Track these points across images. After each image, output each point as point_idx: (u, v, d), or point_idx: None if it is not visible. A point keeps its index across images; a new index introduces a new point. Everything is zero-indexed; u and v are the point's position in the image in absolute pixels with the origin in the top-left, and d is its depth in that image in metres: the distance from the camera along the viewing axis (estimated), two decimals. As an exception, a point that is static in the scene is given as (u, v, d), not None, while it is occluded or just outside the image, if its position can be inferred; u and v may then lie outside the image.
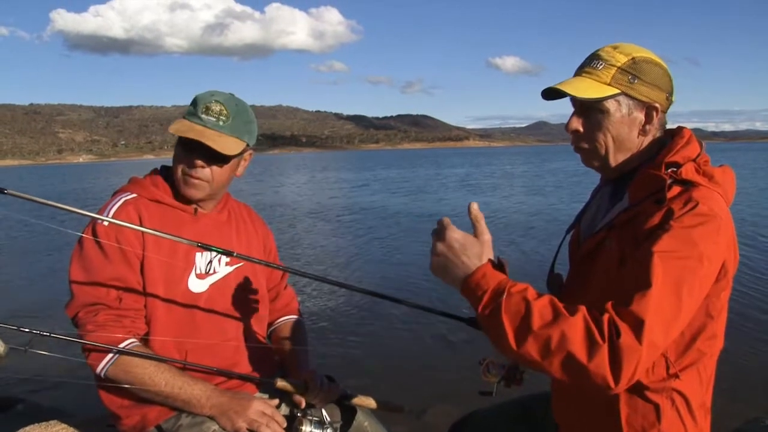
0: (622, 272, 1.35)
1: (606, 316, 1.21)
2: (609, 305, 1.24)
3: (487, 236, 1.32)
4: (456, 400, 4.47)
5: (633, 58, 1.46)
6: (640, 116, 1.48)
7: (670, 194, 1.36)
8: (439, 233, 1.33)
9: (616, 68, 1.45)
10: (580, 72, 1.51)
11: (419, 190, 28.55)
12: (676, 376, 1.41)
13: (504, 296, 1.24)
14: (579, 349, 1.18)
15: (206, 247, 1.71)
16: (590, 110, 1.49)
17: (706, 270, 1.29)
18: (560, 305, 1.23)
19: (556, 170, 43.30)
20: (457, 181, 35.19)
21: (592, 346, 1.18)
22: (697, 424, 1.46)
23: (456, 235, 1.30)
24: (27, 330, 1.58)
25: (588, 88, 1.46)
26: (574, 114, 1.52)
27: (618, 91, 1.45)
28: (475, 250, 1.30)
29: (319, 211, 19.68)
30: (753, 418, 3.09)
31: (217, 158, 1.83)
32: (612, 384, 1.18)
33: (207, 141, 1.78)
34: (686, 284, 1.26)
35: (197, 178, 1.85)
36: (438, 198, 23.69)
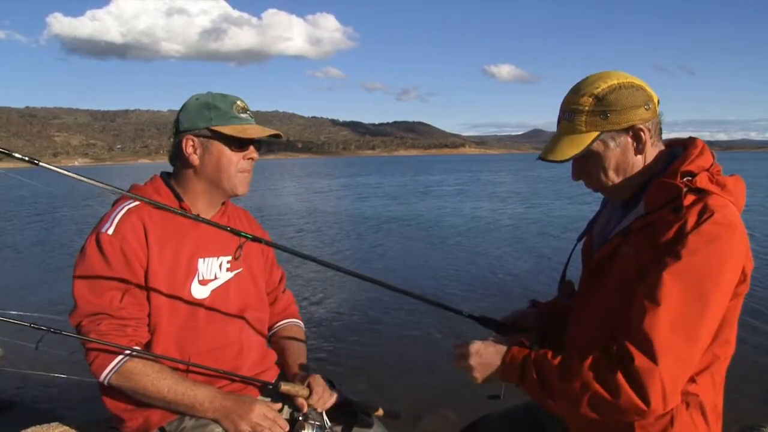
0: (640, 287, 1.39)
1: (615, 348, 1.31)
2: (619, 334, 1.33)
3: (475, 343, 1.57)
4: (452, 405, 4.49)
5: (596, 96, 1.49)
6: (629, 140, 1.53)
7: (685, 202, 1.39)
8: (463, 353, 1.56)
9: (585, 114, 1.50)
10: (557, 130, 1.58)
11: (388, 195, 29.53)
12: (693, 380, 1.44)
13: (528, 369, 1.45)
14: (599, 388, 1.31)
15: (257, 240, 1.84)
16: (583, 159, 1.55)
17: (728, 277, 1.35)
18: (573, 359, 1.39)
19: (528, 177, 45.14)
20: (425, 187, 36.41)
21: (607, 381, 1.30)
22: (710, 428, 1.49)
23: (474, 346, 1.55)
24: (38, 326, 1.60)
25: (569, 148, 1.52)
26: (572, 167, 1.60)
27: (597, 132, 1.50)
28: (490, 348, 1.54)
29: (285, 213, 20.18)
30: (750, 426, 3.11)
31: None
32: (644, 407, 1.28)
33: (270, 133, 1.94)
34: (710, 293, 1.32)
35: (250, 172, 1.97)
36: (400, 203, 24.72)
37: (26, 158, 1.46)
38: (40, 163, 1.48)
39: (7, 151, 1.42)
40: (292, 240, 14.24)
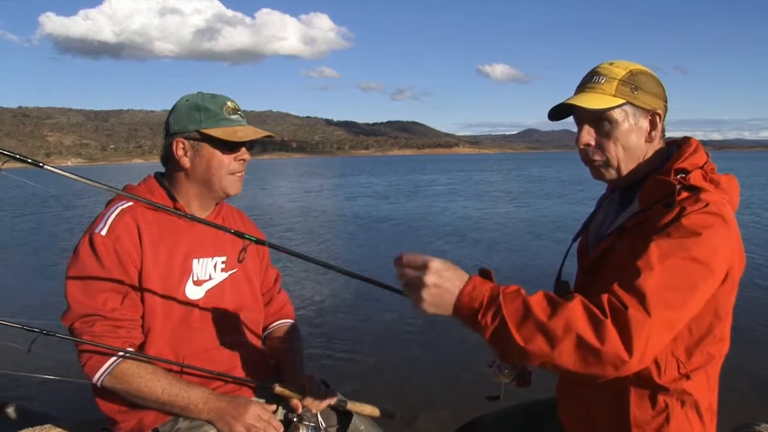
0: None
1: (605, 296, 1.24)
2: (611, 288, 1.26)
3: (436, 260, 1.26)
4: (448, 405, 4.49)
5: (631, 71, 1.54)
6: (645, 123, 1.55)
7: (679, 198, 1.40)
8: (417, 265, 1.26)
9: (617, 81, 1.52)
10: (583, 89, 1.57)
11: (379, 194, 29.86)
12: (687, 376, 1.44)
13: (500, 299, 1.23)
14: (585, 330, 1.19)
15: (261, 242, 1.80)
16: (599, 123, 1.55)
17: (718, 261, 1.33)
18: (555, 296, 1.25)
19: (519, 177, 46.35)
20: (415, 186, 36.85)
21: (596, 324, 1.20)
22: (705, 427, 1.49)
23: (435, 263, 1.25)
24: (30, 328, 1.60)
25: (595, 101, 1.52)
26: (583, 129, 1.57)
27: (623, 101, 1.51)
28: (450, 271, 1.26)
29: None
30: (743, 424, 3.12)
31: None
32: (626, 356, 1.18)
33: (261, 135, 1.91)
34: (700, 270, 1.30)
35: (242, 172, 1.95)
36: (390, 202, 24.91)
37: (29, 160, 1.46)
38: (45, 166, 1.48)
39: (11, 153, 1.41)
40: (282, 239, 14.24)
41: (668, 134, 1.62)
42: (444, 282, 1.25)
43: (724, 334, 1.48)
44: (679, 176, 1.44)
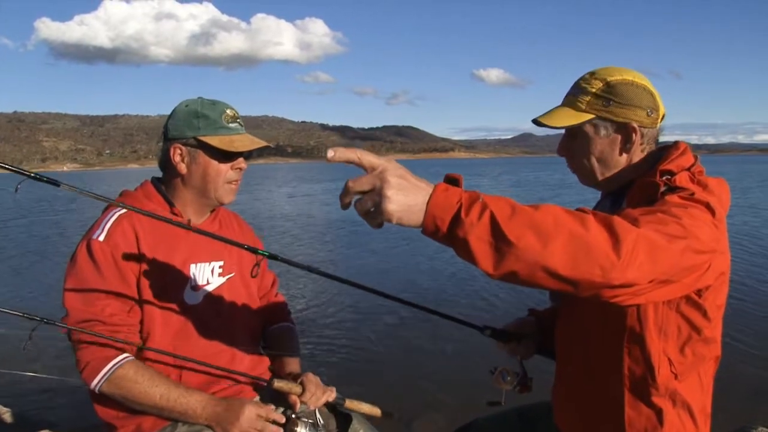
0: None
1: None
2: None
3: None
4: (446, 408, 4.50)
5: (607, 83, 1.52)
6: (618, 136, 1.54)
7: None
8: (382, 171, 1.04)
9: (591, 95, 1.53)
10: (563, 101, 1.60)
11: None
12: (679, 376, 1.44)
13: (482, 196, 1.07)
14: (573, 224, 1.08)
15: (274, 257, 1.77)
16: (573, 135, 1.58)
17: (702, 232, 1.24)
18: None
19: (508, 181, 47.12)
20: None
21: (582, 219, 1.10)
22: (699, 429, 1.50)
23: (393, 161, 1.06)
24: (31, 317, 1.62)
25: (563, 117, 1.54)
26: (561, 140, 1.62)
27: (592, 116, 1.52)
28: (411, 176, 1.07)
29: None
30: (739, 428, 3.13)
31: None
32: (613, 256, 1.08)
33: (258, 146, 1.90)
34: (682, 233, 1.21)
35: (238, 182, 1.95)
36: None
37: (45, 179, 1.48)
38: (62, 184, 1.51)
39: (28, 173, 1.45)
40: (272, 241, 14.21)
41: (661, 138, 1.61)
42: (410, 179, 1.05)
43: (715, 336, 1.48)
44: (664, 177, 1.43)
